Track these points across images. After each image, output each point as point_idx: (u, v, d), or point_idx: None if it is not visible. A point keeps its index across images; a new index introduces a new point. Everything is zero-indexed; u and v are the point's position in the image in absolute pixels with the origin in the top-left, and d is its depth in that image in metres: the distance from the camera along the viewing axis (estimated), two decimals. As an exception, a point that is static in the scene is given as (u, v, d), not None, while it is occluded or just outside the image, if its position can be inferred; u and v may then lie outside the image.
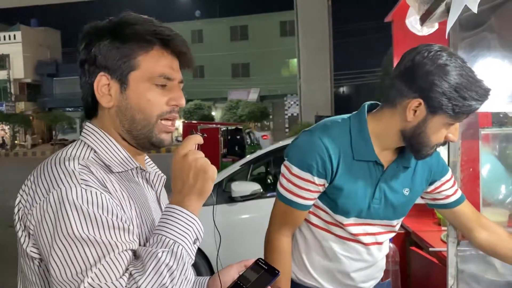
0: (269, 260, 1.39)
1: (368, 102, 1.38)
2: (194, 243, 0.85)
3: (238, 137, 13.23)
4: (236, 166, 4.29)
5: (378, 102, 1.37)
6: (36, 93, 36.45)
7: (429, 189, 1.47)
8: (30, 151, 28.41)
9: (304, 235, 1.43)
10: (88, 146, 0.93)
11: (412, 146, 1.29)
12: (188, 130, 13.60)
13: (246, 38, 34.15)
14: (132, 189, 0.93)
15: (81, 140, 0.94)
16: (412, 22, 2.05)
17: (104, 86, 0.92)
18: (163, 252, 0.80)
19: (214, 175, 0.87)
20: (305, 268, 1.44)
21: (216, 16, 35.71)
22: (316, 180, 1.31)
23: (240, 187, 3.89)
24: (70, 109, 35.28)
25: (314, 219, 1.40)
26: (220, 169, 5.98)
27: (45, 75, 36.56)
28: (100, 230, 0.79)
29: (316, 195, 1.35)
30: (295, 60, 22.87)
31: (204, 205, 0.89)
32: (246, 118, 27.66)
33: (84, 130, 0.96)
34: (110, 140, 0.94)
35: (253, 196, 3.87)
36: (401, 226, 2.41)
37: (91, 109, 0.96)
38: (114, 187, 0.88)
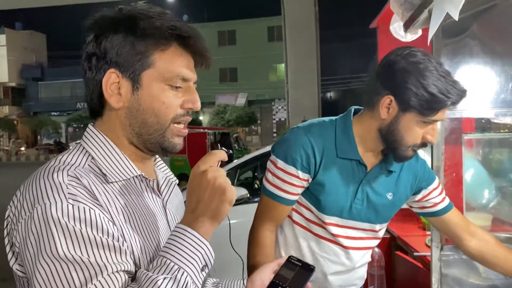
0: (251, 254, 1.38)
1: (355, 107, 1.40)
2: (203, 270, 0.77)
3: (225, 142, 13.20)
4: (223, 171, 4.27)
5: (361, 108, 1.39)
6: (20, 97, 35.98)
7: (417, 198, 1.47)
8: (14, 156, 27.97)
9: (284, 233, 1.44)
10: (86, 151, 0.85)
11: (388, 145, 1.30)
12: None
13: (234, 43, 34.19)
14: (132, 201, 0.85)
15: (80, 145, 0.87)
16: (396, 28, 2.08)
17: (114, 84, 0.83)
18: (164, 279, 0.72)
19: (232, 197, 0.78)
20: None
21: (204, 21, 35.68)
22: (300, 174, 1.32)
23: (227, 192, 3.87)
24: (55, 114, 34.89)
25: (296, 217, 1.41)
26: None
27: (30, 79, 36.13)
28: (87, 250, 0.72)
29: (300, 190, 1.36)
30: (283, 65, 22.94)
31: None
32: (234, 123, 27.65)
33: (85, 133, 0.88)
34: (111, 146, 0.86)
35: (240, 201, 3.85)
36: (387, 231, 2.42)
37: (96, 108, 0.87)
38: (107, 199, 0.80)
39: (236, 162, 4.55)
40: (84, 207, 0.75)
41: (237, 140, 14.73)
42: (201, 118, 31.37)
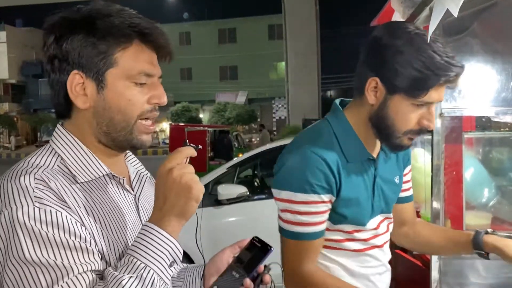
0: None
1: (338, 100, 1.27)
2: (171, 266, 0.79)
3: (225, 140, 13.21)
4: (222, 169, 4.28)
5: (347, 99, 1.28)
6: (21, 94, 35.95)
7: None
8: (14, 152, 27.97)
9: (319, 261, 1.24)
10: (56, 152, 0.86)
11: (380, 134, 1.16)
12: (175, 133, 13.43)
13: (234, 41, 34.15)
14: (100, 200, 0.86)
15: (50, 146, 0.88)
16: (397, 26, 2.07)
17: (78, 85, 0.84)
18: (130, 278, 0.73)
19: (199, 195, 0.79)
20: None
21: (204, 19, 35.66)
22: (325, 198, 1.14)
23: (227, 190, 3.87)
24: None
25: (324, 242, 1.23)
26: (207, 171, 5.97)
27: (30, 76, 36.07)
28: (54, 252, 0.74)
29: (327, 214, 1.18)
30: (283, 63, 22.94)
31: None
32: (233, 121, 27.64)
33: (54, 134, 0.89)
34: (79, 146, 0.87)
35: (239, 199, 3.86)
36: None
37: (63, 110, 0.88)
38: (75, 200, 0.81)
39: (235, 160, 4.55)
40: (50, 210, 0.76)
41: (237, 138, 14.72)
42: (201, 116, 31.37)
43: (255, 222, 3.96)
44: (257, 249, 0.92)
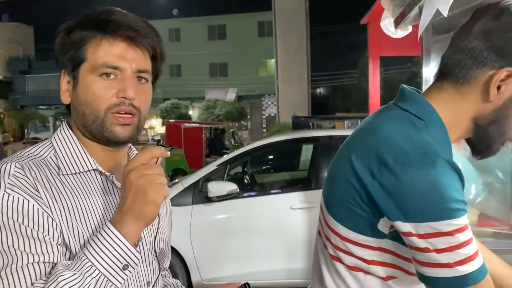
0: None
1: (407, 88, 0.96)
2: (124, 269, 0.77)
3: (222, 138, 13.18)
4: (212, 166, 4.27)
5: (413, 88, 0.97)
6: (7, 91, 35.48)
7: None
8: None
9: None
10: (52, 145, 0.90)
11: (483, 140, 0.92)
12: (172, 130, 13.25)
13: (224, 38, 34.07)
14: (82, 195, 0.86)
15: (51, 138, 0.92)
16: (387, 24, 2.09)
17: (67, 84, 0.90)
18: (71, 275, 0.73)
19: (155, 198, 0.77)
20: None
21: (194, 15, 35.48)
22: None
23: (217, 187, 3.87)
24: (43, 107, 34.51)
25: (381, 271, 0.93)
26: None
27: (17, 72, 35.64)
28: (13, 239, 0.75)
29: None
30: (273, 60, 22.96)
31: (181, 205, 0.80)
32: (223, 118, 27.60)
33: (58, 128, 0.93)
34: (72, 139, 0.90)
35: (229, 196, 3.85)
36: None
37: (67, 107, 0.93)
38: (53, 192, 0.82)
39: (225, 157, 4.54)
40: (18, 198, 0.78)
41: (233, 135, 14.66)
42: (190, 113, 31.27)
43: (245, 220, 3.96)
44: None
